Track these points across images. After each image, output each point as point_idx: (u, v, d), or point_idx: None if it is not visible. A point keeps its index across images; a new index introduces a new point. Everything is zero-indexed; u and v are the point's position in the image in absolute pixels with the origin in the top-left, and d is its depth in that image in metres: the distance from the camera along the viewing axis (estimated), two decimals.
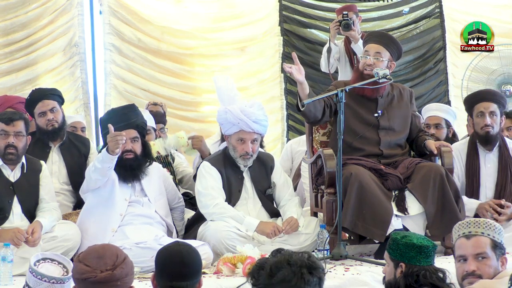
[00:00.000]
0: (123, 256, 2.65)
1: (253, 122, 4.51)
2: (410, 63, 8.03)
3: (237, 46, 7.67)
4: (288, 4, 7.83)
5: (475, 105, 4.83)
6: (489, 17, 7.95)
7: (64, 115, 5.08)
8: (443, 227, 4.35)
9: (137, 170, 4.47)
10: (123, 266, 2.61)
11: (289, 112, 7.72)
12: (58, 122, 4.97)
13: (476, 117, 4.81)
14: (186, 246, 2.73)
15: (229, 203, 4.55)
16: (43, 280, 2.84)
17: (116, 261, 2.61)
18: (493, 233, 2.90)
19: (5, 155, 4.35)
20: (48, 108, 4.96)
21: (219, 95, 4.64)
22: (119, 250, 2.69)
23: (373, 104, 4.65)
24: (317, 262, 2.34)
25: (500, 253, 2.91)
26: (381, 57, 4.61)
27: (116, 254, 2.63)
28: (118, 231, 4.34)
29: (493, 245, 2.89)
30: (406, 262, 2.98)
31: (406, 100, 4.74)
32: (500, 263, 2.90)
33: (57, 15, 7.10)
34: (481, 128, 4.78)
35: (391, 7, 8.04)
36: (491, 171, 4.83)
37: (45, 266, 2.90)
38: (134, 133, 4.47)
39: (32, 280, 2.84)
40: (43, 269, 2.88)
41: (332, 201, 4.38)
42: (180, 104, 7.48)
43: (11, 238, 4.06)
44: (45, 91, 5.12)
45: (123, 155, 4.41)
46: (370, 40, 4.70)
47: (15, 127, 4.37)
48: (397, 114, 4.68)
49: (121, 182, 4.46)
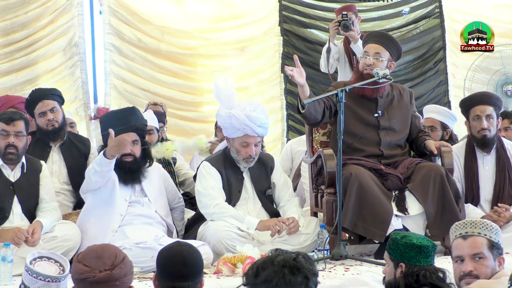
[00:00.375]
0: (122, 256, 2.64)
1: (258, 127, 4.53)
2: (410, 63, 8.03)
3: (237, 46, 7.68)
4: (288, 4, 7.84)
5: (471, 108, 4.82)
6: (489, 17, 7.96)
7: (64, 115, 5.07)
8: (443, 227, 4.34)
9: (137, 172, 4.48)
10: (122, 266, 2.60)
11: (289, 112, 7.72)
12: (58, 122, 4.96)
13: (472, 120, 4.81)
14: (187, 246, 2.72)
15: (229, 203, 4.55)
16: (39, 279, 2.81)
17: (115, 261, 2.60)
18: (489, 233, 2.90)
19: (5, 155, 4.34)
20: (48, 108, 4.95)
21: (218, 95, 4.64)
22: (118, 250, 2.68)
23: (373, 105, 4.65)
24: (302, 263, 2.31)
25: (497, 253, 2.90)
26: (381, 57, 4.61)
27: (115, 254, 2.62)
28: (118, 231, 4.34)
29: (490, 245, 2.89)
30: (406, 262, 2.98)
31: (406, 100, 4.74)
32: (497, 263, 2.90)
33: (57, 15, 7.10)
34: (478, 132, 4.78)
35: (391, 7, 8.04)
36: (489, 173, 4.83)
37: (41, 264, 2.88)
38: (134, 136, 4.46)
39: (28, 279, 2.82)
40: (39, 267, 2.85)
41: (332, 201, 4.38)
42: (180, 104, 7.48)
43: (12, 237, 4.05)
44: (45, 91, 5.11)
45: (122, 158, 4.41)
46: (370, 40, 4.70)
47: (15, 127, 4.37)
48: (397, 114, 4.68)
49: (121, 183, 4.47)
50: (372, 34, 4.89)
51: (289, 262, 2.30)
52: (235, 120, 4.48)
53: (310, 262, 2.34)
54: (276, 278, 2.27)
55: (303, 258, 2.33)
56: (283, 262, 2.31)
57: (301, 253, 2.37)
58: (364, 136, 4.58)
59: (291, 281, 2.28)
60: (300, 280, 2.29)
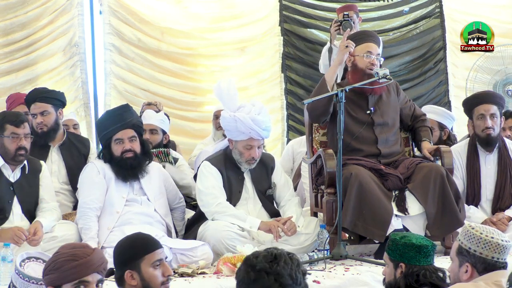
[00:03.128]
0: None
1: (263, 130, 4.53)
2: (410, 63, 8.02)
3: (237, 46, 7.67)
4: (288, 4, 7.82)
5: (475, 107, 4.83)
6: (489, 17, 7.95)
7: (57, 118, 4.97)
8: (443, 227, 4.35)
9: (138, 168, 4.49)
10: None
11: (289, 112, 7.71)
12: (48, 126, 4.91)
13: (476, 119, 4.81)
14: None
15: (229, 203, 4.55)
16: (31, 282, 2.80)
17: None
18: (463, 239, 2.86)
19: (16, 157, 4.33)
20: (38, 111, 4.92)
21: (220, 97, 4.62)
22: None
23: (364, 102, 4.65)
24: (273, 267, 2.34)
25: (465, 260, 2.85)
26: (379, 57, 4.64)
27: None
28: (117, 230, 4.33)
29: (459, 251, 2.87)
30: (406, 262, 2.98)
31: (392, 93, 4.75)
32: (463, 270, 2.84)
33: (57, 15, 7.09)
34: (482, 131, 4.78)
35: (391, 7, 8.03)
36: (491, 172, 4.84)
37: (31, 265, 2.86)
38: (131, 132, 4.49)
39: (19, 282, 2.80)
40: (29, 268, 2.83)
41: (332, 201, 4.38)
42: (181, 104, 7.47)
43: (11, 237, 4.06)
44: (40, 92, 5.04)
45: (123, 155, 4.43)
46: (368, 40, 4.68)
47: (25, 129, 4.37)
48: (388, 109, 4.69)
49: (119, 180, 4.47)
50: (367, 33, 4.85)
51: (257, 263, 2.36)
52: (241, 124, 4.47)
53: (283, 268, 2.36)
54: (246, 278, 2.37)
55: (275, 262, 2.36)
56: (254, 262, 2.37)
57: (281, 255, 2.40)
58: (361, 135, 4.59)
59: (258, 280, 2.34)
60: (272, 284, 2.33)
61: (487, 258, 2.81)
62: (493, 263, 2.82)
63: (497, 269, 2.82)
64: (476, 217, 4.69)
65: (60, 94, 5.10)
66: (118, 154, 4.47)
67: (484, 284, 2.77)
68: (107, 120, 4.54)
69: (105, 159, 4.51)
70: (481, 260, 2.81)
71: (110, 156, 4.49)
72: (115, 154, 4.48)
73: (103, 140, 4.54)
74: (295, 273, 2.36)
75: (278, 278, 2.33)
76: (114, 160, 4.48)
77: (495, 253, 2.81)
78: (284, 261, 2.36)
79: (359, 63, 4.65)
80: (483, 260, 2.81)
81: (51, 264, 2.66)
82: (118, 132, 4.47)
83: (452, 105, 7.93)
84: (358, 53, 4.64)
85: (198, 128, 7.38)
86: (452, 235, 4.41)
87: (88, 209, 4.36)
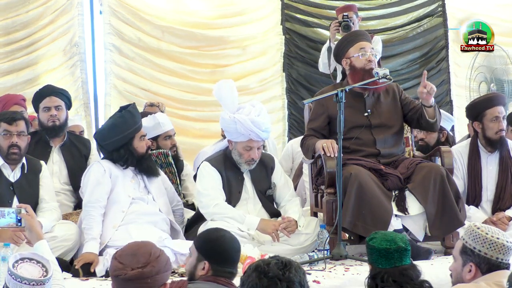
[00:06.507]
0: (157, 254, 2.70)
1: (262, 132, 4.54)
2: (413, 62, 8.00)
3: (239, 45, 7.66)
4: (290, 3, 7.80)
5: (487, 109, 4.82)
6: (492, 16, 7.93)
7: (67, 116, 5.09)
8: (443, 227, 4.34)
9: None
10: (155, 264, 2.65)
11: (291, 111, 7.70)
12: (60, 120, 5.00)
13: (490, 121, 4.80)
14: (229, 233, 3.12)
15: (229, 203, 4.56)
16: (24, 283, 2.79)
17: (149, 259, 2.65)
18: (468, 238, 2.87)
19: (8, 155, 4.36)
20: (53, 105, 5.00)
21: (220, 98, 4.62)
22: (154, 247, 2.73)
23: (361, 104, 4.64)
24: (286, 274, 2.45)
25: (469, 260, 2.85)
26: (373, 51, 4.65)
27: (150, 252, 2.68)
28: (122, 229, 4.35)
29: (463, 250, 2.87)
30: (372, 264, 3.00)
31: (392, 94, 4.71)
32: (466, 269, 2.85)
33: (58, 15, 7.10)
34: (496, 133, 4.79)
35: (394, 5, 8.02)
36: (493, 172, 4.85)
37: (24, 266, 2.85)
38: (144, 131, 4.62)
39: (12, 283, 2.78)
40: (22, 269, 2.82)
41: (332, 201, 4.37)
42: (181, 103, 7.46)
43: (11, 236, 4.06)
44: (56, 88, 5.17)
45: (147, 151, 4.59)
46: (361, 39, 4.67)
47: (18, 127, 4.39)
48: (386, 109, 4.67)
49: (126, 179, 4.50)
50: (356, 33, 4.84)
51: (255, 270, 2.50)
52: (240, 126, 4.48)
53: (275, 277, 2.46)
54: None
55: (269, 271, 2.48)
56: (253, 269, 2.50)
57: (275, 262, 2.50)
58: (359, 137, 4.57)
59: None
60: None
61: (491, 259, 2.81)
62: (497, 264, 2.82)
63: (500, 270, 2.82)
64: (476, 217, 4.69)
65: (70, 95, 5.23)
66: (143, 150, 4.54)
67: (485, 285, 2.77)
68: (124, 124, 4.51)
69: (122, 160, 4.52)
70: (485, 261, 2.82)
71: (130, 155, 4.51)
72: (140, 151, 4.53)
73: (121, 142, 4.50)
74: (304, 281, 2.51)
75: (290, 284, 2.45)
76: (138, 157, 4.53)
77: (499, 254, 2.82)
78: (294, 269, 2.49)
79: (356, 64, 4.63)
80: (487, 261, 2.82)
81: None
82: (141, 130, 4.58)
83: (454, 104, 7.91)
84: (353, 54, 4.63)
85: (198, 127, 7.37)
86: (452, 235, 4.41)
87: (92, 209, 4.36)
